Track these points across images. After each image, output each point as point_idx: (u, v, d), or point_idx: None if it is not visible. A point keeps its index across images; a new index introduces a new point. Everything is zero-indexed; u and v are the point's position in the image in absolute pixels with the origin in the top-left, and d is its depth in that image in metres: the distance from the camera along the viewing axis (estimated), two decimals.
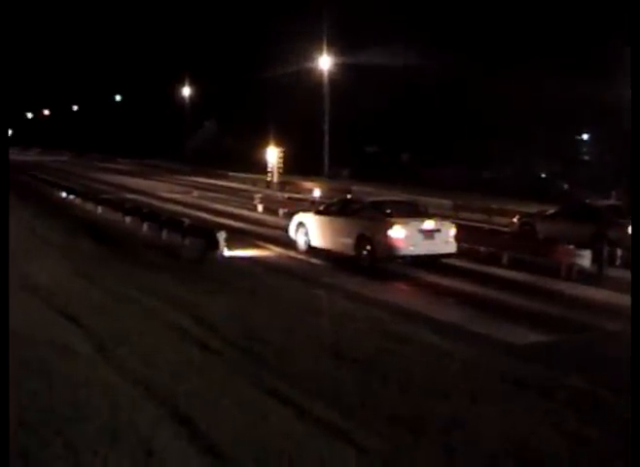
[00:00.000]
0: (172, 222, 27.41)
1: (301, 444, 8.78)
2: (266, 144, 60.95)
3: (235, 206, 41.59)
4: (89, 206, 37.79)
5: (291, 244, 25.70)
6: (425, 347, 13.32)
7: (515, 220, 30.19)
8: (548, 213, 28.98)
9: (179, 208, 38.79)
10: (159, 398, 10.18)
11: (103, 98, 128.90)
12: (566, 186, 52.45)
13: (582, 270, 21.98)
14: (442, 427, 9.48)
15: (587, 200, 31.47)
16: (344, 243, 23.22)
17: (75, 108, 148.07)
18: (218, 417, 9.48)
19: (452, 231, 22.76)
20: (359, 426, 9.39)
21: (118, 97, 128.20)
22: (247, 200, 43.36)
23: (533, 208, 33.53)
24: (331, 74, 61.92)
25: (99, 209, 35.85)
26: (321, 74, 62.07)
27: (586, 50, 52.98)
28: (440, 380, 11.37)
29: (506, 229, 30.14)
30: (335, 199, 28.63)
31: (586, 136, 66.28)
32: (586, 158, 65.79)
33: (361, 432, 9.21)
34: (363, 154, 76.77)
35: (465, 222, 31.25)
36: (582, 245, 23.30)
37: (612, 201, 29.56)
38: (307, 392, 10.57)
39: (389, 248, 21.75)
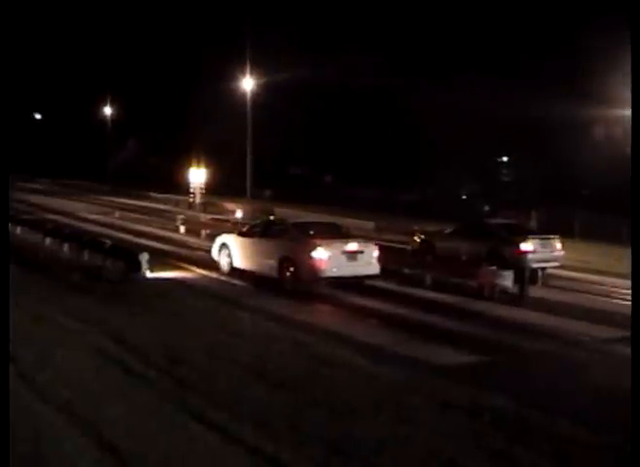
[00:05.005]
0: (94, 243, 27.01)
1: None
2: (189, 164, 60.63)
3: (157, 227, 41.26)
4: (9, 227, 37.14)
5: (214, 266, 25.56)
6: (351, 370, 13.33)
7: (416, 238, 30.64)
8: (446, 231, 29.49)
9: (101, 229, 38.32)
10: (82, 424, 10.00)
11: (22, 116, 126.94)
12: (487, 207, 53.18)
13: (504, 291, 22.27)
14: (371, 449, 9.48)
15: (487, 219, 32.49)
16: (268, 265, 23.16)
17: None
18: (143, 443, 9.35)
19: (375, 252, 22.85)
20: (287, 449, 9.33)
21: (38, 116, 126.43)
22: (169, 221, 43.10)
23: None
24: (256, 95, 61.81)
25: (18, 230, 35.21)
26: (244, 95, 61.92)
27: (507, 69, 53.99)
28: (366, 403, 11.36)
29: (408, 247, 30.61)
30: (258, 221, 28.60)
31: (505, 158, 67.55)
32: (506, 179, 67.07)
33: (289, 455, 9.15)
34: (286, 175, 76.94)
35: (388, 243, 31.46)
36: (477, 262, 23.90)
37: (506, 220, 30.41)
38: (234, 416, 10.47)
39: (312, 270, 21.75)
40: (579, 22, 48.90)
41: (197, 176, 58.45)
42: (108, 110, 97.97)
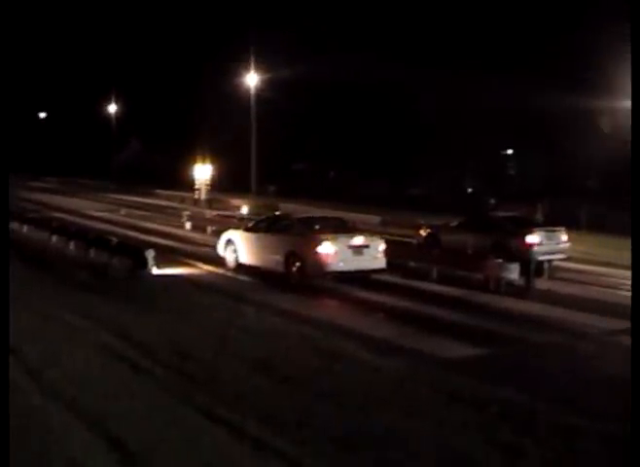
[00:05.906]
0: (100, 241, 27.02)
1: (235, 464, 8.73)
2: (193, 161, 60.64)
3: (163, 224, 41.24)
4: (15, 226, 37.08)
5: (220, 262, 25.56)
6: (357, 363, 13.37)
7: (421, 232, 30.54)
8: (451, 225, 29.41)
9: (107, 226, 38.32)
10: (90, 421, 10.03)
11: (27, 116, 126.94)
12: (493, 200, 53.13)
13: (510, 283, 22.25)
14: (378, 443, 9.49)
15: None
16: (274, 260, 23.16)
17: None
18: (151, 438, 9.38)
19: (382, 246, 22.82)
20: (295, 444, 9.35)
21: (42, 114, 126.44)
22: (175, 218, 43.06)
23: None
24: (259, 91, 61.83)
25: (25, 228, 35.23)
26: (248, 91, 61.91)
27: (509, 61, 53.86)
28: (373, 396, 11.39)
29: (414, 241, 30.58)
30: (263, 216, 28.61)
31: (510, 151, 67.50)
32: (512, 172, 67.05)
33: (297, 450, 9.18)
34: (290, 171, 76.94)
35: (394, 237, 31.45)
36: (482, 255, 23.88)
37: (511, 213, 30.31)
38: (241, 411, 10.49)
39: (319, 265, 21.74)
40: (583, 13, 48.78)
41: (203, 172, 58.43)
42: (112, 108, 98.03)
